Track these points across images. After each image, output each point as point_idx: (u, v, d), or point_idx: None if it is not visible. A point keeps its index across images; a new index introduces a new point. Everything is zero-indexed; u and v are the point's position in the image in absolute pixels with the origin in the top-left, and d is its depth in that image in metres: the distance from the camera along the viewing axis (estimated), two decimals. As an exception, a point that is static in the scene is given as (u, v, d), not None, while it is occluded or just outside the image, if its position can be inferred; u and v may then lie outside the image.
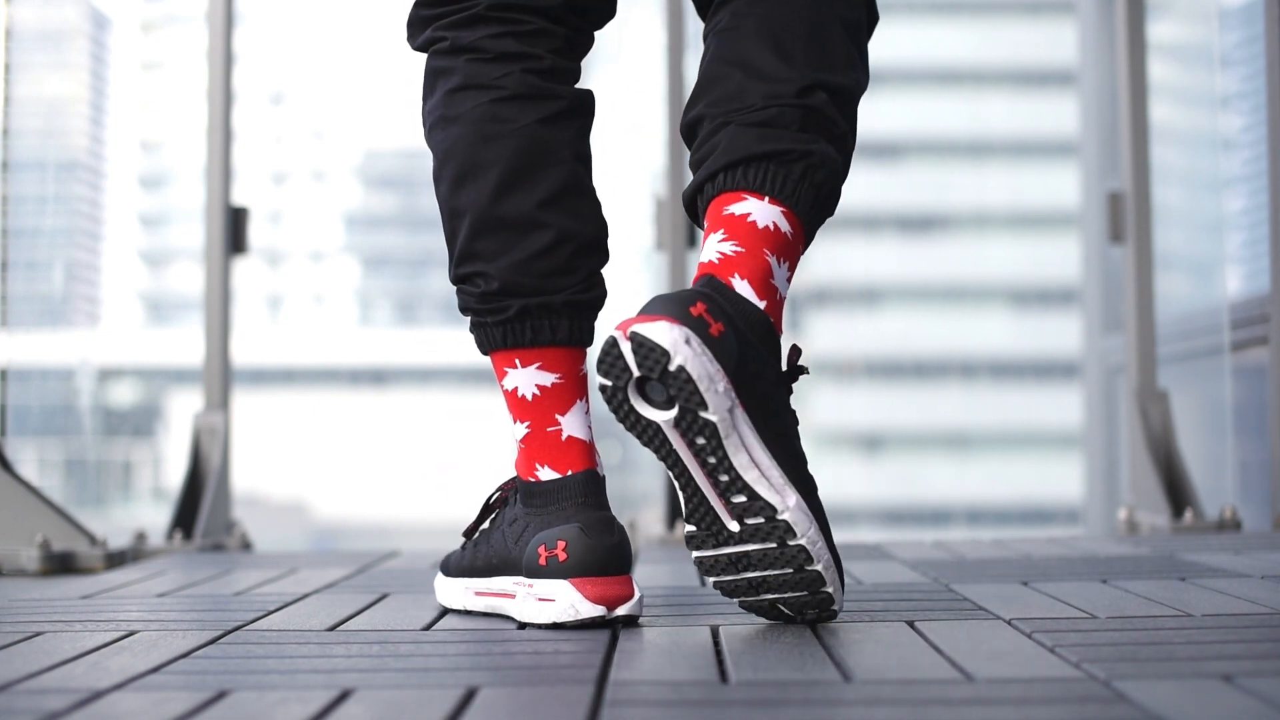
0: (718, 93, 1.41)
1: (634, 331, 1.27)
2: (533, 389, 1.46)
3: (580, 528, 1.41)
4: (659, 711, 1.02)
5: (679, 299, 1.30)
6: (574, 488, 1.45)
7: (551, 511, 1.45)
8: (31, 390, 6.25)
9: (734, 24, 1.43)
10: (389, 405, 36.32)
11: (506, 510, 1.52)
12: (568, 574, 1.40)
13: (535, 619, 1.41)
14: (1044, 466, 32.58)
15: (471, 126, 1.45)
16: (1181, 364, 3.68)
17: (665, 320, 1.27)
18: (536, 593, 1.42)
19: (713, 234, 1.37)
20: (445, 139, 1.47)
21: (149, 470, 30.56)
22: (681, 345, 1.26)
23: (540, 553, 1.42)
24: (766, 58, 1.39)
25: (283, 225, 40.50)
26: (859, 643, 1.29)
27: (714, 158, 1.38)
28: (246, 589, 1.84)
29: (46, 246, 7.73)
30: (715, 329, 1.29)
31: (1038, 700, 1.04)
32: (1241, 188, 3.92)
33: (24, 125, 6.39)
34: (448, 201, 1.47)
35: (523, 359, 1.45)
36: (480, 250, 1.45)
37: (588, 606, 1.39)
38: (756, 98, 1.38)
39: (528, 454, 1.47)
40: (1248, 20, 3.76)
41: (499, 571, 1.51)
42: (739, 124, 1.37)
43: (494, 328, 1.46)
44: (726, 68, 1.41)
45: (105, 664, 1.26)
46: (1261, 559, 1.96)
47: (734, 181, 1.36)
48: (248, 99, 38.92)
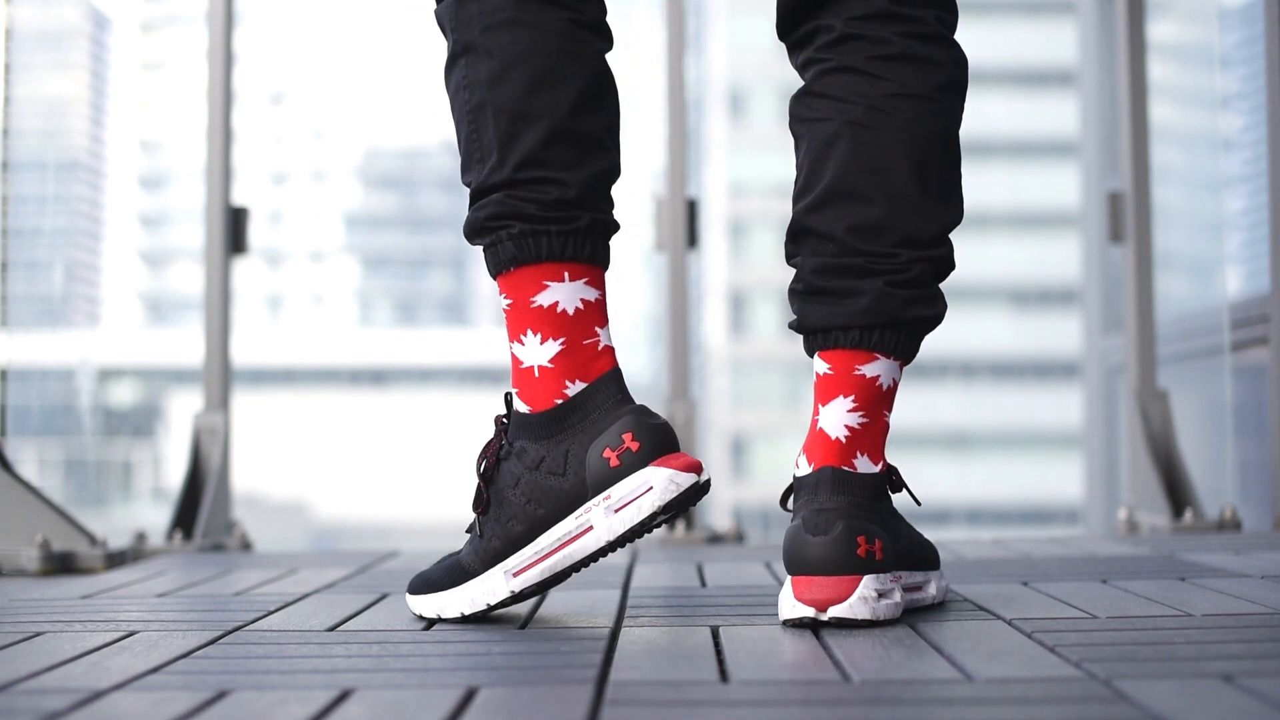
0: (857, 217, 1.45)
1: (835, 617, 1.37)
2: (577, 303, 1.42)
3: (635, 416, 1.40)
4: (659, 711, 1.02)
5: (843, 546, 1.38)
6: (605, 388, 1.42)
7: (595, 418, 1.41)
8: (31, 390, 6.25)
9: (871, 122, 1.45)
10: (389, 405, 36.34)
11: (510, 466, 1.43)
12: (648, 460, 1.38)
13: (636, 518, 1.37)
14: (1044, 466, 32.61)
15: (554, 38, 1.42)
16: (1181, 364, 3.68)
17: (853, 585, 1.37)
18: (623, 495, 1.38)
19: (843, 396, 1.45)
20: (518, 40, 1.42)
21: (149, 470, 30.59)
22: (878, 607, 1.39)
23: (608, 456, 1.39)
24: (909, 189, 1.45)
25: (283, 225, 40.53)
26: (859, 643, 1.29)
27: (858, 311, 1.44)
28: (246, 589, 1.84)
29: (46, 246, 7.73)
30: (877, 550, 1.40)
31: (1038, 700, 1.04)
32: (1241, 188, 3.92)
33: (24, 125, 6.38)
34: (518, 103, 1.41)
35: (573, 273, 1.41)
36: (552, 158, 1.41)
37: (684, 476, 1.38)
38: (897, 242, 1.44)
39: (555, 374, 1.42)
40: (1248, 20, 3.76)
41: (547, 523, 1.41)
42: (888, 281, 1.44)
43: (557, 236, 1.41)
44: (866, 186, 1.45)
45: (105, 664, 1.26)
46: (1261, 559, 1.96)
47: (872, 342, 1.44)
48: (248, 99, 38.95)
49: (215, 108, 2.95)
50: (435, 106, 40.00)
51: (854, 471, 1.43)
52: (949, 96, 1.48)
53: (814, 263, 1.47)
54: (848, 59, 1.47)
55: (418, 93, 40.43)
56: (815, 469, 1.43)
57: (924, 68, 1.46)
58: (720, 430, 32.76)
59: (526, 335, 1.42)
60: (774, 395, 33.72)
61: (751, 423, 33.33)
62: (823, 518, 1.39)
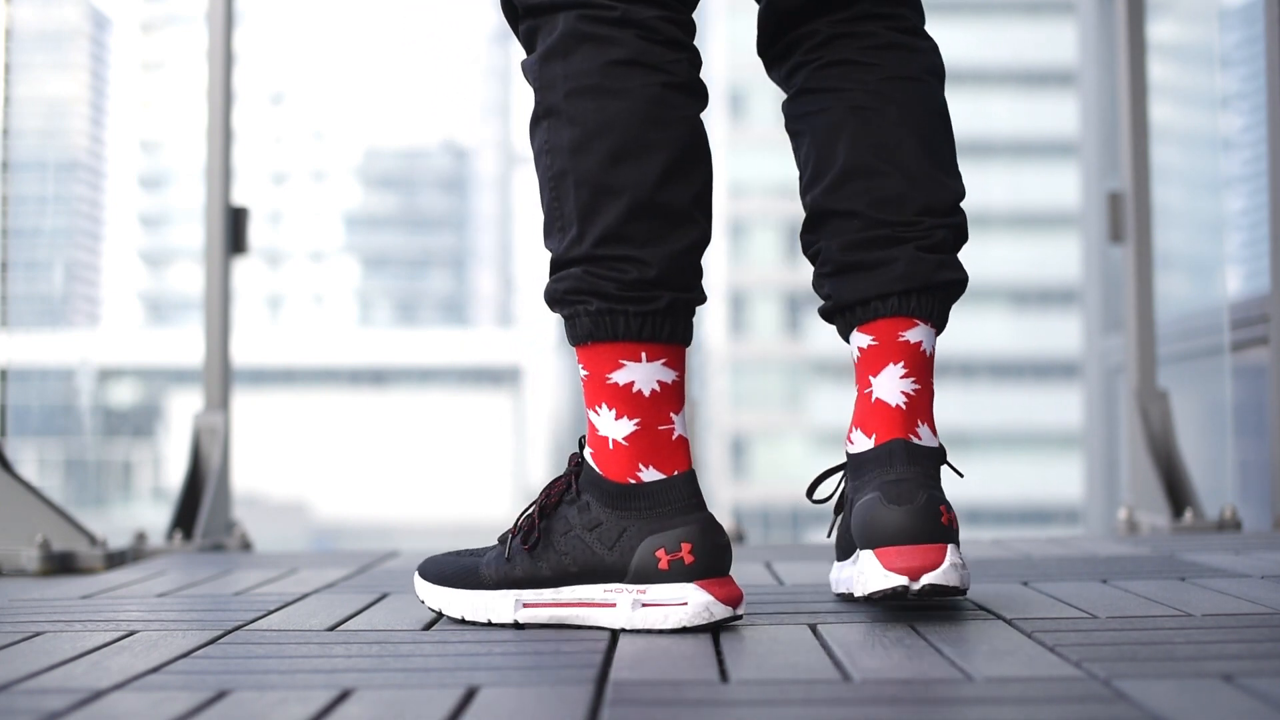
0: (876, 191, 1.47)
1: (930, 584, 1.39)
2: (653, 385, 1.39)
3: (701, 529, 1.38)
4: (659, 711, 1.02)
5: (929, 515, 1.39)
6: (682, 487, 1.39)
7: (661, 513, 1.38)
8: (31, 390, 6.25)
9: (873, 104, 1.49)
10: (389, 405, 36.34)
11: (569, 513, 1.42)
12: (695, 576, 1.36)
13: (658, 624, 1.36)
14: (1044, 466, 32.60)
15: (641, 105, 1.38)
16: (1181, 364, 3.68)
17: (942, 553, 1.39)
18: (654, 598, 1.37)
19: (892, 364, 1.47)
20: (603, 110, 1.38)
21: (149, 470, 30.60)
22: (964, 575, 1.41)
23: (660, 556, 1.36)
24: (920, 162, 1.49)
25: (283, 225, 40.54)
26: (859, 643, 1.29)
27: (894, 277, 1.46)
28: (246, 589, 1.84)
29: (46, 246, 7.73)
30: (955, 521, 1.43)
31: (1038, 700, 1.04)
32: (1241, 188, 3.92)
33: (24, 125, 6.39)
34: (599, 175, 1.38)
35: (650, 354, 1.39)
36: (633, 234, 1.38)
37: (720, 608, 1.36)
38: (918, 211, 1.48)
39: (630, 453, 1.40)
40: (1248, 20, 3.76)
41: (579, 579, 1.40)
42: (917, 246, 1.47)
43: (635, 317, 1.38)
44: (880, 162, 1.48)
45: (105, 664, 1.26)
46: (1261, 559, 1.96)
47: (911, 307, 1.46)
48: (248, 99, 38.96)
49: (215, 108, 2.95)
50: (435, 107, 40.01)
51: (921, 443, 1.44)
52: (934, 79, 1.54)
53: (840, 241, 1.48)
54: (839, 54, 1.52)
55: (418, 93, 40.43)
56: (880, 441, 1.44)
57: (910, 54, 1.52)
58: (720, 430, 32.77)
59: (601, 408, 1.41)
60: (774, 395, 33.72)
61: (751, 423, 33.34)
62: (904, 487, 1.40)
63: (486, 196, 41.44)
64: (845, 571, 1.53)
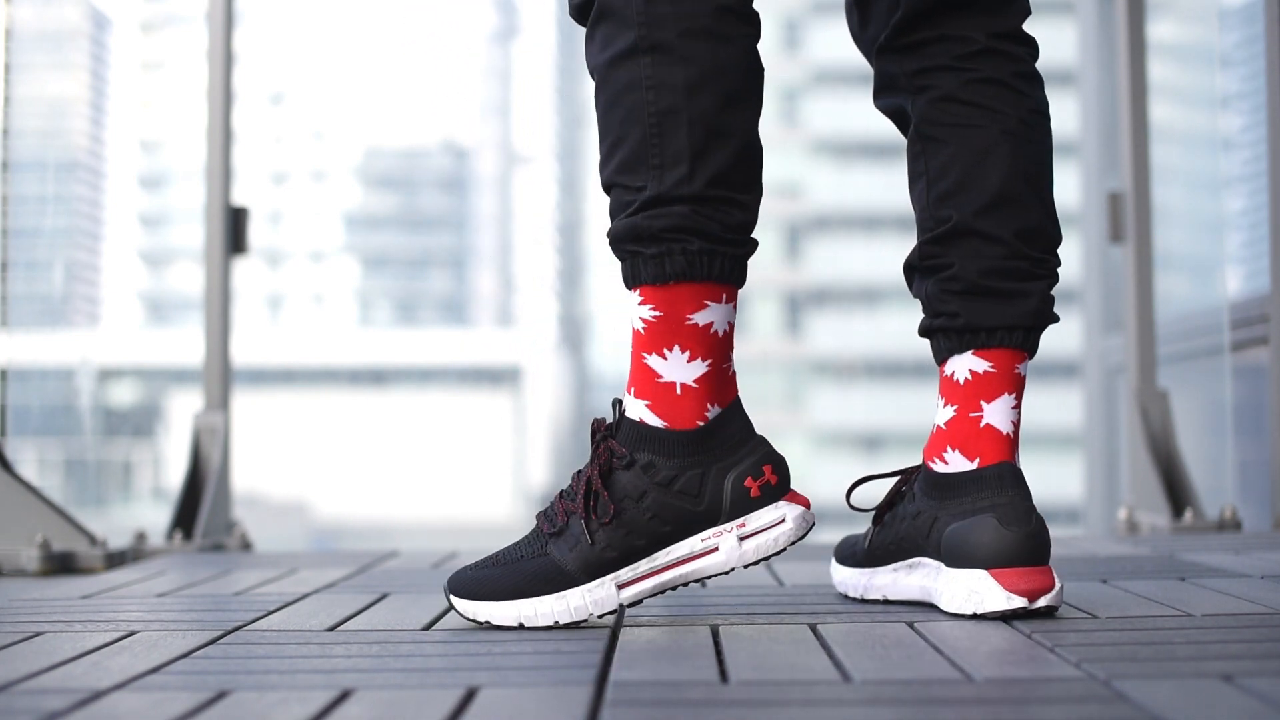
0: (1021, 221, 1.52)
1: (1046, 605, 1.42)
2: (725, 326, 1.43)
3: (767, 449, 1.45)
4: (659, 711, 1.02)
5: (1042, 539, 1.45)
6: (741, 414, 1.46)
7: (731, 446, 1.43)
8: (31, 390, 6.24)
9: (1022, 133, 1.55)
10: (389, 405, 36.32)
11: (631, 478, 1.43)
12: (781, 494, 1.44)
13: (770, 549, 1.43)
14: (1044, 466, 32.55)
15: (744, 55, 1.42)
16: (1181, 364, 3.68)
17: (1051, 576, 1.44)
18: (758, 526, 1.43)
19: (1008, 393, 1.53)
20: (717, 53, 1.40)
21: (149, 470, 30.58)
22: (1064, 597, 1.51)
23: (750, 485, 1.43)
24: (1050, 199, 1.56)
25: (283, 225, 40.52)
26: (859, 643, 1.29)
27: (1027, 312, 1.52)
28: (246, 589, 1.84)
29: (46, 246, 7.73)
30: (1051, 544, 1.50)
31: (1038, 700, 1.04)
32: (1241, 188, 3.92)
33: (24, 125, 6.39)
34: (714, 117, 1.39)
35: (728, 295, 1.43)
36: (738, 179, 1.42)
37: (811, 515, 1.45)
38: (1046, 248, 1.54)
39: (699, 395, 1.41)
40: (1248, 20, 3.76)
41: (669, 540, 1.43)
42: (1048, 285, 1.54)
43: (729, 259, 1.41)
44: (1029, 194, 1.53)
45: (105, 664, 1.26)
46: (1261, 559, 1.96)
47: (1030, 342, 1.53)
48: (248, 99, 38.94)
49: (215, 108, 2.95)
50: (435, 107, 40.00)
51: (1020, 469, 1.51)
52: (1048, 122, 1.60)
53: (980, 265, 1.52)
54: (994, 72, 1.55)
55: (418, 93, 40.42)
56: (986, 464, 1.49)
57: (1042, 91, 1.57)
58: (720, 430, 32.68)
59: (673, 351, 1.41)
60: (774, 395, 33.71)
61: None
62: (1019, 511, 1.45)
63: (486, 196, 41.45)
64: (914, 579, 1.55)
